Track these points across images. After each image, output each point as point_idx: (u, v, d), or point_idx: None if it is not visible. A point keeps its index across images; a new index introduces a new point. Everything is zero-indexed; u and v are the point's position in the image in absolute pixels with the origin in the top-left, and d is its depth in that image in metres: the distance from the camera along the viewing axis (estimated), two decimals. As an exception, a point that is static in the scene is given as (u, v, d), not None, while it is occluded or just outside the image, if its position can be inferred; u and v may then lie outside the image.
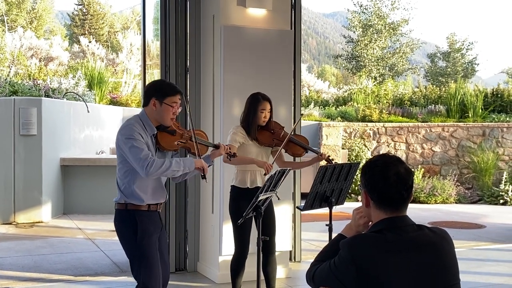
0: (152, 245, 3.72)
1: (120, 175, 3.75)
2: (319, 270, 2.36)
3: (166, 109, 3.71)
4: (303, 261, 6.78)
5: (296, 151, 4.86)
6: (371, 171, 2.32)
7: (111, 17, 48.04)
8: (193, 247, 6.34)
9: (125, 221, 3.74)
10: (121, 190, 3.74)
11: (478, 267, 6.77)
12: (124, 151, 3.65)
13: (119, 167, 3.76)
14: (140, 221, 3.69)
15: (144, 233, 3.68)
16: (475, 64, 40.39)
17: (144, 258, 3.68)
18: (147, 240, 3.69)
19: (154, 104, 3.71)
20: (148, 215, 3.74)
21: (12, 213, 9.17)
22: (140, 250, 3.68)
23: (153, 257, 3.71)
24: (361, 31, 36.16)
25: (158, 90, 3.74)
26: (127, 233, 3.73)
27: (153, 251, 3.72)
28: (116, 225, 3.82)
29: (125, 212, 3.73)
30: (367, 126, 13.51)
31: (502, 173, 12.56)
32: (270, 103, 4.78)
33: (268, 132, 4.81)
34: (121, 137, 3.66)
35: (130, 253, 3.76)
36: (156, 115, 3.73)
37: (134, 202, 3.71)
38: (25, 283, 5.92)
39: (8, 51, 18.40)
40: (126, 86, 16.53)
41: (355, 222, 2.47)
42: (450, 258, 2.28)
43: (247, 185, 4.74)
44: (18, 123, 9.19)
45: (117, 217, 3.81)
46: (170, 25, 6.24)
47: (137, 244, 3.68)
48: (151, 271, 3.69)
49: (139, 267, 3.70)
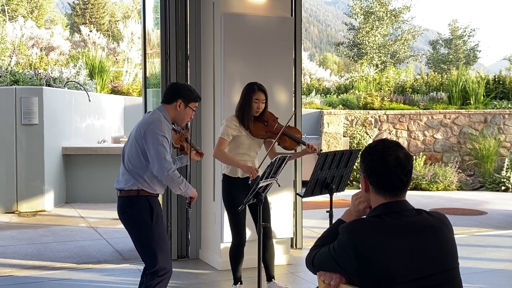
0: (164, 229, 3.94)
1: (139, 166, 3.81)
2: (318, 255, 2.37)
3: (188, 112, 3.95)
4: (304, 248, 6.81)
5: (288, 144, 4.82)
6: (371, 156, 2.33)
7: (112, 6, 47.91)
8: (195, 235, 6.37)
9: (137, 206, 3.82)
10: (133, 177, 3.81)
11: (479, 253, 6.79)
12: (149, 145, 3.73)
13: (139, 158, 3.81)
14: (154, 205, 3.84)
15: (158, 217, 3.84)
16: (477, 51, 40.24)
17: (160, 242, 3.82)
18: (160, 223, 3.86)
19: (179, 105, 3.91)
20: (156, 200, 3.91)
21: (14, 202, 9.21)
22: (156, 234, 3.81)
23: (166, 240, 3.92)
24: (362, 18, 36.02)
25: (186, 94, 3.94)
26: (141, 218, 3.81)
27: (165, 235, 3.94)
28: (128, 212, 3.85)
29: (137, 198, 3.82)
30: (368, 113, 13.49)
31: (504, 159, 12.56)
32: (265, 94, 4.77)
33: (262, 124, 4.79)
34: (151, 131, 3.74)
35: (144, 238, 3.83)
36: (176, 115, 3.93)
37: (148, 189, 3.83)
38: (28, 271, 5.96)
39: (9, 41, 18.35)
40: (127, 75, 16.51)
41: (355, 207, 2.48)
42: (449, 242, 2.29)
43: (238, 175, 4.76)
44: (20, 112, 9.20)
45: (126, 203, 3.84)
46: (170, 13, 6.23)
47: (153, 228, 3.80)
48: (167, 253, 3.87)
49: (155, 251, 3.79)
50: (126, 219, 3.88)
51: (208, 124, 6.16)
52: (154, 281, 3.80)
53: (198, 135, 6.28)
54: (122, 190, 3.84)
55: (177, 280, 5.56)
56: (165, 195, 6.28)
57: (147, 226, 3.79)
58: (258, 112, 4.77)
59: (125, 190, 3.83)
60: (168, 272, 3.85)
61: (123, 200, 3.85)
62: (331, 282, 2.29)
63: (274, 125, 4.81)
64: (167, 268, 3.84)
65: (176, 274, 5.81)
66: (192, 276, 5.77)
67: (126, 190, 3.83)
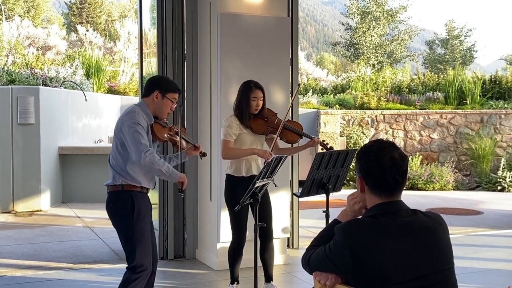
0: (146, 225, 3.89)
1: (121, 159, 3.85)
2: (314, 255, 2.38)
3: (166, 103, 3.94)
4: (301, 248, 6.81)
5: (290, 137, 4.85)
6: (366, 156, 2.33)
7: (109, 5, 47.81)
8: (192, 235, 6.37)
9: (120, 201, 3.85)
10: (117, 171, 3.85)
11: (475, 252, 6.81)
12: (125, 135, 3.78)
13: (119, 151, 3.86)
14: (136, 201, 3.83)
15: (139, 213, 3.83)
16: (474, 51, 40.34)
17: (139, 237, 3.81)
18: (141, 219, 3.84)
19: (156, 96, 3.92)
20: (141, 196, 3.90)
21: (11, 202, 9.19)
22: (136, 230, 3.81)
23: (148, 237, 3.88)
24: (359, 18, 36.09)
25: (162, 84, 3.97)
26: (123, 213, 3.84)
27: (148, 231, 3.89)
28: (111, 207, 3.90)
29: (121, 192, 3.85)
30: (365, 113, 13.51)
31: (500, 159, 12.59)
32: (262, 91, 4.77)
33: (262, 120, 4.80)
34: (126, 122, 3.80)
35: (125, 233, 3.86)
36: (155, 107, 3.94)
37: (131, 182, 3.84)
38: (24, 271, 5.95)
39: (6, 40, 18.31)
40: (124, 75, 16.49)
41: (350, 208, 2.49)
42: (444, 242, 2.30)
43: (243, 174, 4.76)
44: (16, 112, 9.18)
45: (111, 198, 3.90)
46: (167, 13, 6.23)
47: (133, 224, 3.80)
48: (146, 250, 3.84)
49: (134, 246, 3.80)
50: (110, 214, 3.93)
51: (205, 123, 6.16)
52: (131, 277, 3.81)
53: (195, 134, 6.27)
54: (109, 186, 3.92)
55: (174, 280, 5.56)
56: (162, 195, 6.29)
57: (128, 221, 3.81)
58: (257, 110, 4.77)
59: (110, 186, 3.90)
60: (145, 270, 3.82)
61: (109, 196, 3.92)
62: (327, 282, 2.30)
63: (274, 120, 4.82)
64: (145, 265, 3.81)
65: (172, 274, 5.83)
66: (188, 276, 5.77)
67: (111, 185, 3.89)
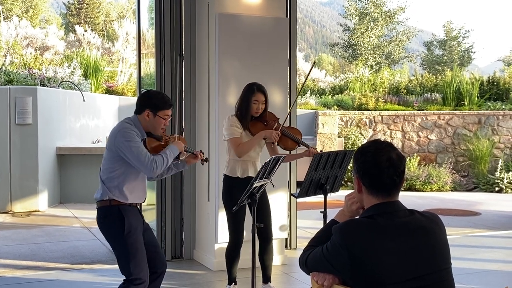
0: (139, 238, 3.83)
1: (111, 174, 3.82)
2: (312, 255, 2.38)
3: (158, 121, 3.90)
4: (299, 249, 6.81)
5: (289, 145, 4.83)
6: (363, 156, 2.33)
7: (107, 6, 47.76)
8: (189, 235, 6.36)
9: (110, 217, 3.81)
10: (107, 186, 3.81)
11: (472, 253, 6.82)
12: (126, 154, 3.74)
13: (109, 166, 3.83)
14: (125, 215, 3.79)
15: (130, 226, 3.78)
16: (472, 52, 40.33)
17: (132, 251, 3.76)
18: (133, 233, 3.79)
19: (147, 115, 3.87)
20: (131, 209, 3.85)
21: (8, 202, 9.18)
22: (128, 244, 3.76)
23: (141, 250, 3.81)
24: (357, 19, 36.10)
25: (153, 103, 3.89)
26: (113, 229, 3.81)
27: (140, 244, 3.83)
28: (102, 222, 3.86)
29: (110, 208, 3.81)
30: (363, 114, 13.52)
31: (498, 160, 12.60)
32: (264, 95, 4.75)
33: (261, 124, 4.78)
34: (121, 140, 3.75)
35: (118, 248, 3.83)
36: (147, 125, 3.90)
37: (119, 199, 3.81)
38: (22, 271, 5.94)
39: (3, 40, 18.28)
40: (122, 75, 16.47)
41: (348, 208, 2.49)
42: (441, 243, 2.30)
43: (237, 174, 4.75)
44: (14, 112, 9.17)
45: (101, 214, 3.86)
46: (165, 13, 6.22)
47: (125, 238, 3.76)
48: (141, 264, 3.79)
49: (128, 261, 3.77)
50: (101, 230, 3.90)
51: (202, 124, 6.15)
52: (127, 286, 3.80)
53: (193, 136, 6.27)
54: (97, 201, 3.88)
55: (171, 281, 5.56)
56: (159, 196, 6.28)
57: (120, 237, 3.77)
58: (258, 113, 4.76)
59: (99, 201, 3.86)
60: (143, 283, 3.80)
61: (98, 211, 3.88)
62: (324, 282, 2.30)
63: (273, 125, 4.79)
64: (142, 279, 3.79)
65: (170, 274, 5.81)
66: (186, 277, 5.77)
67: (100, 200, 3.85)
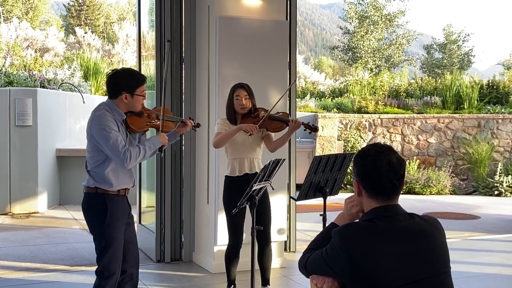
0: (119, 229, 3.81)
1: (92, 162, 3.81)
2: (311, 258, 2.38)
3: (137, 99, 3.82)
4: (298, 251, 6.81)
5: (275, 126, 4.81)
6: (363, 160, 2.34)
7: (107, 7, 47.84)
8: (188, 237, 6.36)
9: (94, 205, 3.81)
10: (91, 175, 3.81)
11: (472, 257, 6.82)
12: (100, 143, 3.72)
13: (91, 155, 3.82)
14: (109, 205, 3.77)
15: (112, 217, 3.76)
16: (471, 56, 40.36)
17: (109, 242, 3.75)
18: (114, 224, 3.77)
19: (125, 97, 3.78)
20: (117, 199, 3.82)
21: (8, 203, 9.18)
22: (107, 234, 3.75)
23: (118, 241, 3.80)
24: (357, 23, 36.12)
25: (128, 84, 3.78)
26: (95, 217, 3.81)
27: (119, 235, 3.81)
28: (85, 209, 3.87)
29: (95, 195, 3.80)
30: (362, 117, 13.53)
31: (497, 164, 12.61)
32: (246, 89, 4.77)
33: (250, 118, 4.79)
34: (95, 127, 3.71)
35: (96, 236, 3.83)
36: (128, 106, 3.81)
37: (104, 187, 3.78)
38: (21, 273, 5.94)
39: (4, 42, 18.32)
40: (122, 77, 16.45)
41: (348, 211, 2.49)
42: (441, 246, 2.31)
43: (237, 173, 4.78)
44: (14, 113, 9.17)
45: (86, 200, 3.86)
46: (165, 16, 6.23)
47: (104, 228, 3.75)
48: (114, 255, 3.77)
49: (102, 250, 3.76)
50: (84, 215, 3.90)
51: (202, 126, 6.12)
52: (99, 283, 3.78)
53: (193, 138, 6.28)
54: (84, 187, 3.88)
55: (171, 283, 5.56)
56: (159, 198, 6.28)
57: (99, 226, 3.77)
58: (244, 108, 4.77)
59: (85, 187, 3.86)
60: (113, 276, 3.76)
61: (84, 196, 3.88)
62: (323, 285, 2.30)
63: (259, 114, 4.80)
64: (112, 270, 3.74)
65: (169, 276, 5.82)
66: (185, 279, 5.77)
67: (86, 187, 3.85)
